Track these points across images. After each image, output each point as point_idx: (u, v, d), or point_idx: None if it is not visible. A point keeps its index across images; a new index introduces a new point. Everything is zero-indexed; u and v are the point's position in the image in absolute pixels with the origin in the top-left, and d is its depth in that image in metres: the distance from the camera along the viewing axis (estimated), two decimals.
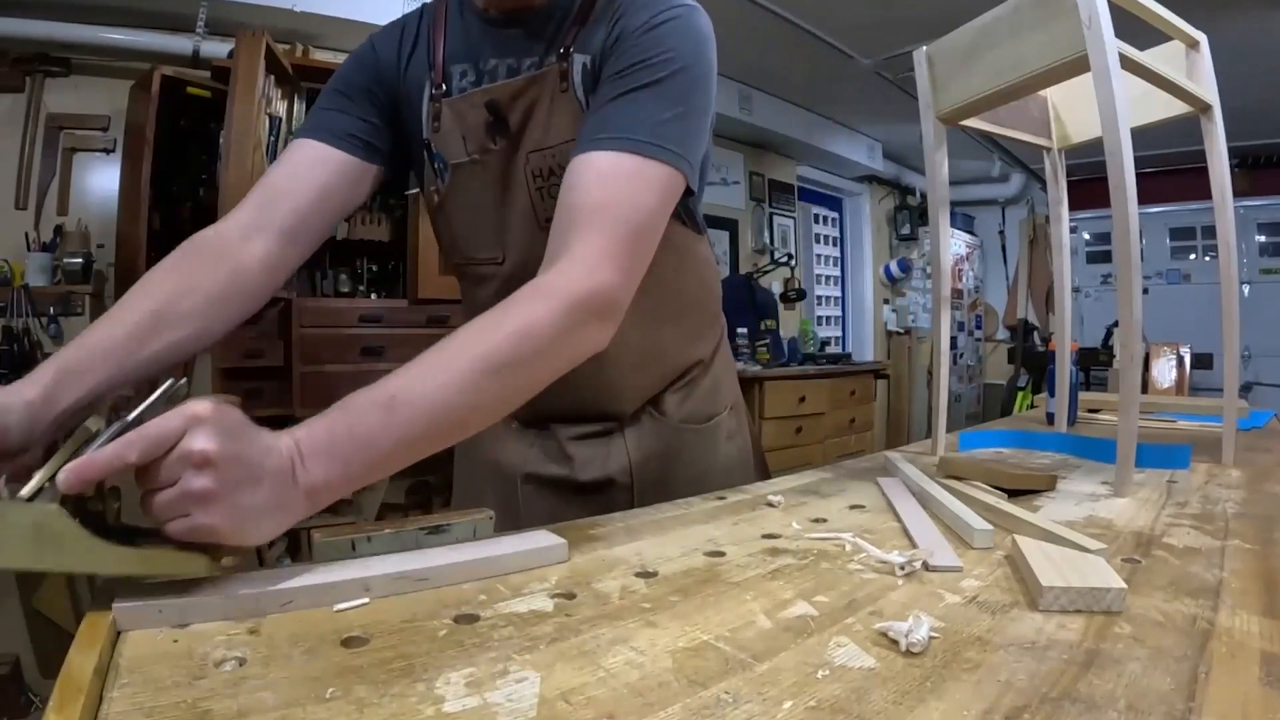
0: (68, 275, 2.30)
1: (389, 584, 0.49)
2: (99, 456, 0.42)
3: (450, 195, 0.81)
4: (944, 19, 1.10)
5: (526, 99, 0.75)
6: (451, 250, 0.86)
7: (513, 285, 0.64)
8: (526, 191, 0.77)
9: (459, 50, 0.79)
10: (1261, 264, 5.14)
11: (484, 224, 0.80)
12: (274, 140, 2.18)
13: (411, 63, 0.81)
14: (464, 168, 0.79)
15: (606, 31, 0.74)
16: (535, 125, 0.75)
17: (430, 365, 0.56)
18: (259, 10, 2.47)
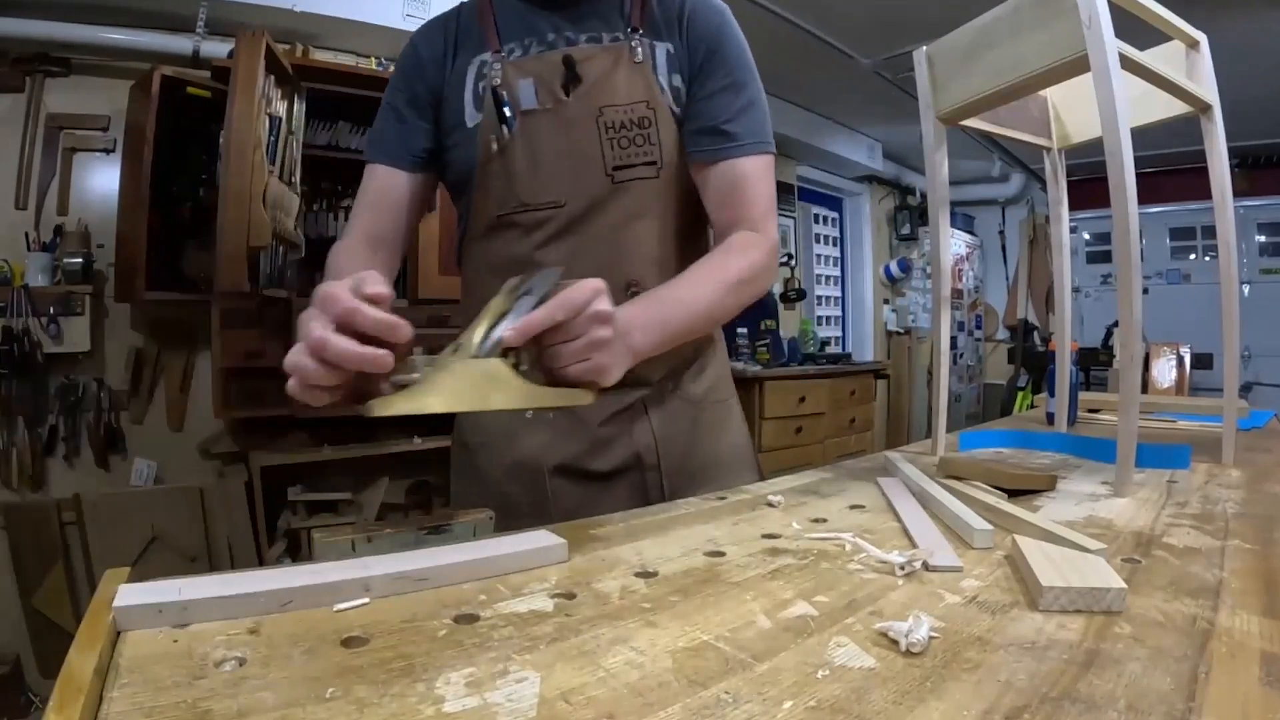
0: (68, 275, 2.30)
1: (389, 584, 0.49)
2: (535, 317, 0.57)
3: (516, 141, 0.86)
4: (944, 19, 1.10)
5: (600, 62, 0.86)
6: (504, 198, 0.88)
7: (573, 227, 0.85)
8: (598, 141, 0.86)
9: (514, 28, 0.89)
10: (1261, 264, 5.14)
11: (548, 169, 0.86)
12: (274, 140, 2.18)
13: (459, 46, 0.90)
14: (535, 114, 0.86)
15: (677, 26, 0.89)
16: (608, 85, 0.86)
17: (694, 281, 0.80)
18: (259, 10, 2.47)
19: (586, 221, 0.86)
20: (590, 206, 0.86)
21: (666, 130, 0.88)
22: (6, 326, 2.20)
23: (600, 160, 0.86)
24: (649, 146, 0.87)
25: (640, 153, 0.87)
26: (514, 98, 0.85)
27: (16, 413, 2.26)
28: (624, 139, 0.86)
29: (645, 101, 0.86)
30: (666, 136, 0.88)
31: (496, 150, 0.86)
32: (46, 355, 2.27)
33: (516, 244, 0.89)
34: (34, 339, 2.23)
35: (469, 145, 0.88)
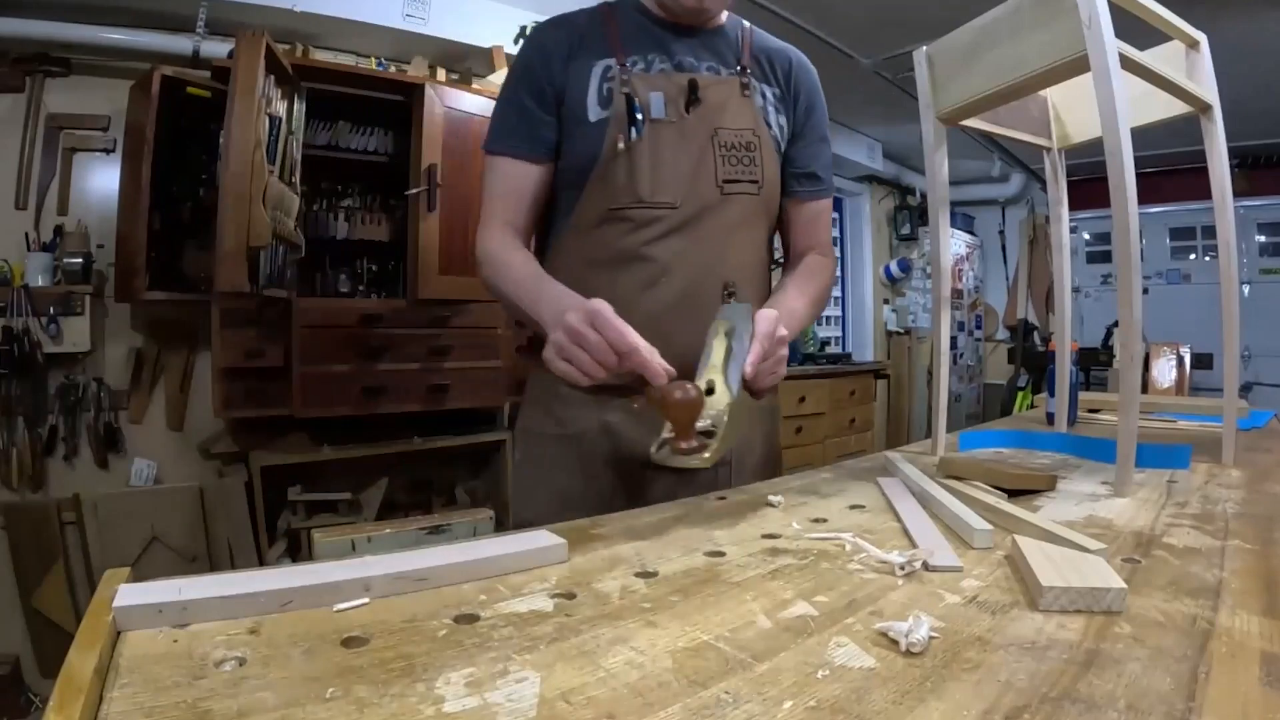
0: (68, 275, 2.30)
1: (389, 584, 0.49)
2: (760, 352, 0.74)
3: (643, 144, 0.94)
4: (944, 19, 1.10)
5: (717, 90, 0.97)
6: (622, 193, 0.94)
7: (683, 228, 0.95)
8: (712, 156, 0.96)
9: (637, 43, 0.97)
10: (1261, 264, 5.13)
11: (668, 173, 0.94)
12: (274, 140, 2.17)
13: (580, 47, 0.97)
14: (662, 124, 0.94)
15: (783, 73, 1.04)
16: (723, 111, 0.97)
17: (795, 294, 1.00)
18: (259, 10, 2.47)
19: (696, 225, 0.96)
20: (700, 212, 0.96)
21: (768, 157, 1.00)
22: (6, 326, 2.20)
23: (713, 172, 0.96)
24: (753, 168, 0.98)
25: (746, 171, 0.98)
26: (644, 105, 0.94)
27: (16, 413, 2.26)
28: (733, 157, 0.97)
29: (752, 129, 0.98)
30: (767, 162, 1.00)
31: (623, 148, 0.93)
32: (46, 355, 2.27)
33: (626, 238, 0.95)
34: (34, 339, 2.23)
35: (592, 139, 0.94)
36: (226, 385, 2.32)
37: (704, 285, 0.96)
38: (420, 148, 2.50)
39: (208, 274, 2.26)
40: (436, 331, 2.62)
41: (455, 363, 2.66)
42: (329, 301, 2.64)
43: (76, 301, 2.31)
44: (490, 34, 2.93)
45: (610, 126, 0.93)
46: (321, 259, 2.75)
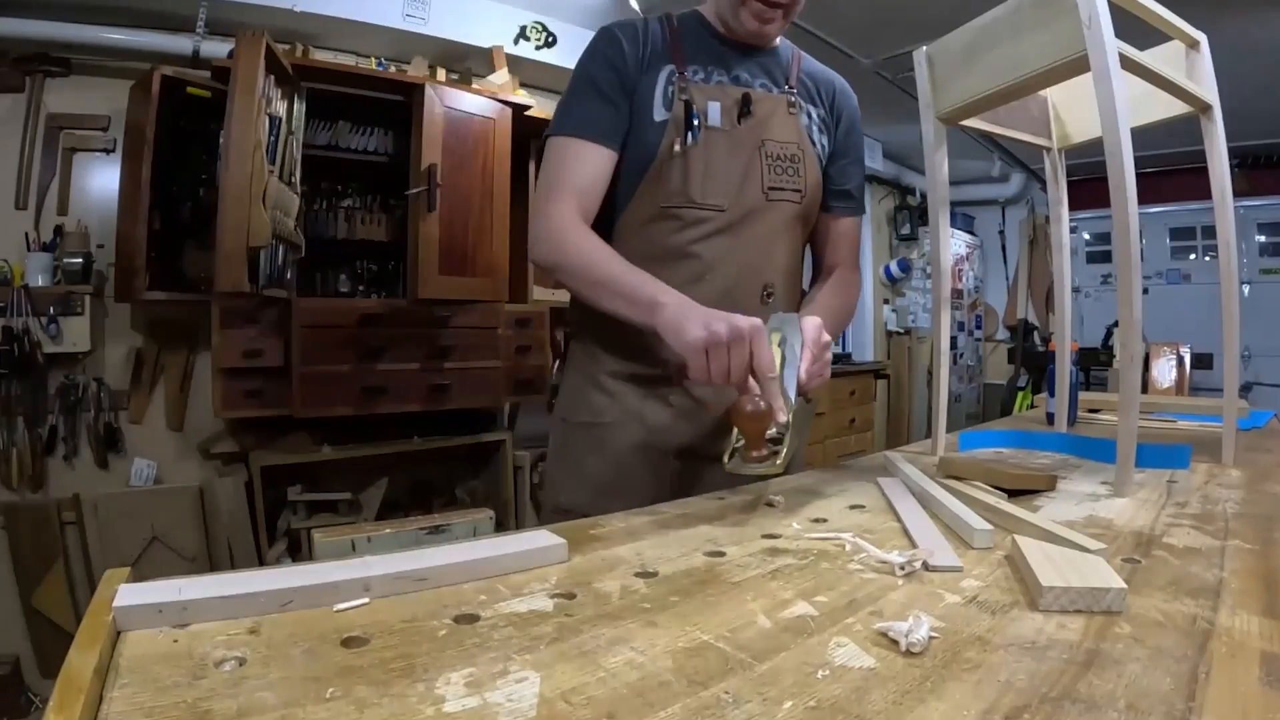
0: (68, 275, 2.30)
1: (389, 584, 0.49)
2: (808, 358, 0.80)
3: (698, 148, 0.98)
4: (944, 19, 1.10)
5: (766, 105, 1.03)
6: (674, 192, 0.98)
7: (729, 229, 0.99)
8: (759, 165, 1.01)
9: (698, 54, 1.02)
10: (1261, 264, 5.12)
11: (719, 178, 0.99)
12: (274, 140, 2.17)
13: (650, 53, 1.01)
14: (717, 131, 0.99)
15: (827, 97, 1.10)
16: (771, 124, 1.02)
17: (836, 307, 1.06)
18: (259, 10, 2.47)
19: (741, 228, 1.00)
20: (746, 216, 1.00)
21: (810, 170, 1.05)
22: (6, 326, 2.20)
23: (759, 179, 1.01)
24: (797, 178, 1.04)
25: (790, 181, 1.03)
26: (702, 112, 0.98)
27: (16, 413, 2.26)
28: (779, 167, 1.02)
29: (796, 143, 1.04)
30: (809, 174, 1.05)
31: (679, 151, 0.97)
32: (46, 355, 2.27)
33: (675, 235, 1.00)
34: (34, 339, 2.23)
35: (653, 138, 0.98)
36: (226, 385, 2.32)
37: (744, 285, 1.01)
38: (420, 148, 2.49)
39: (208, 274, 2.26)
40: (436, 331, 2.62)
41: (455, 363, 2.66)
42: (329, 301, 2.64)
43: (76, 301, 2.31)
44: (490, 34, 2.93)
45: (669, 129, 0.98)
46: (321, 259, 2.75)
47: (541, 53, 3.06)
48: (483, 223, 2.64)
